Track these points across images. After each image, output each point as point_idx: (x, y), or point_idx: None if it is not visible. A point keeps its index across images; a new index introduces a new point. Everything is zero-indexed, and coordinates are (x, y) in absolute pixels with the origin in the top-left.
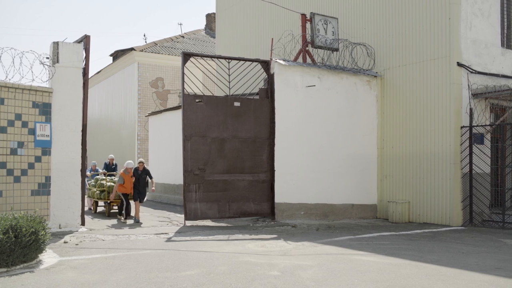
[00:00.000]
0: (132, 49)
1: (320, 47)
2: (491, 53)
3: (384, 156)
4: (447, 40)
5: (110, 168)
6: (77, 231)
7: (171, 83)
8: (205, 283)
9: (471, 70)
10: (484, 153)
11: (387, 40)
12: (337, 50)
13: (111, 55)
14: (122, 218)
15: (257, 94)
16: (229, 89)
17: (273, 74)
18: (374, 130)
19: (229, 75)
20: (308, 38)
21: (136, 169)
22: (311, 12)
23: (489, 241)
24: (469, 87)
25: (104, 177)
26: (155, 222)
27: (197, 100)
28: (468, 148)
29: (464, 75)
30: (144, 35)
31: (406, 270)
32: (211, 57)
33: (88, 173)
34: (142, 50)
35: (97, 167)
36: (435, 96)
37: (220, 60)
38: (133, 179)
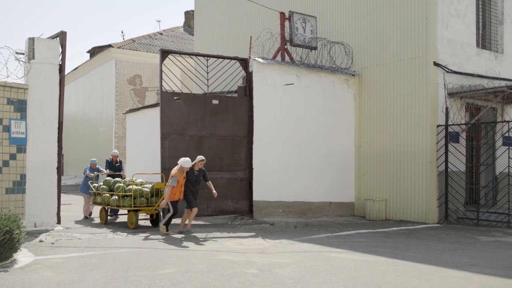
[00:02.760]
0: (109, 46)
1: (299, 46)
2: (466, 53)
3: (361, 154)
4: (424, 40)
5: (113, 167)
6: (53, 229)
7: (149, 80)
8: (183, 282)
9: (447, 70)
10: (460, 152)
11: (365, 39)
12: (315, 48)
13: (88, 52)
14: (166, 230)
15: (236, 92)
16: (208, 86)
17: (252, 72)
18: (352, 129)
19: (207, 73)
20: (287, 36)
21: (191, 169)
22: (290, 11)
23: (464, 238)
24: (445, 86)
25: (120, 179)
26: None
27: (175, 98)
28: (444, 146)
29: (440, 74)
30: (122, 32)
31: (383, 267)
32: (190, 54)
33: (88, 172)
34: (120, 47)
35: (98, 166)
36: (412, 95)
37: (199, 57)
38: (184, 181)
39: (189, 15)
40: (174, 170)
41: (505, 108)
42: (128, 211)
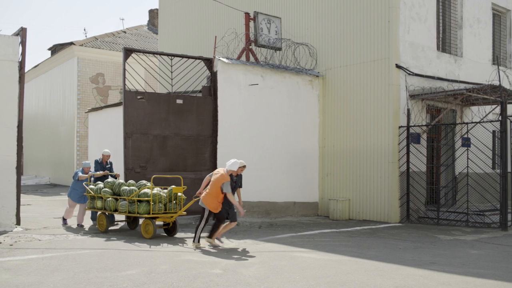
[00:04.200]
0: (71, 43)
1: (264, 46)
2: (427, 56)
3: (325, 154)
4: (387, 43)
5: (104, 168)
6: (11, 231)
7: (112, 79)
8: (146, 283)
9: (409, 72)
10: (421, 152)
11: (329, 41)
12: (280, 49)
13: (49, 49)
14: (216, 241)
15: (200, 91)
16: (172, 86)
17: (216, 72)
18: (316, 129)
19: (171, 72)
20: (252, 37)
21: (231, 174)
22: (255, 11)
23: (425, 237)
24: (406, 88)
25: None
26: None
27: (138, 97)
28: (405, 147)
29: (402, 76)
30: (85, 30)
31: (346, 266)
32: (154, 53)
33: (81, 174)
34: (82, 45)
35: (91, 169)
36: (374, 96)
37: (163, 56)
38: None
39: (153, 13)
40: (222, 174)
41: (464, 110)
42: (143, 218)
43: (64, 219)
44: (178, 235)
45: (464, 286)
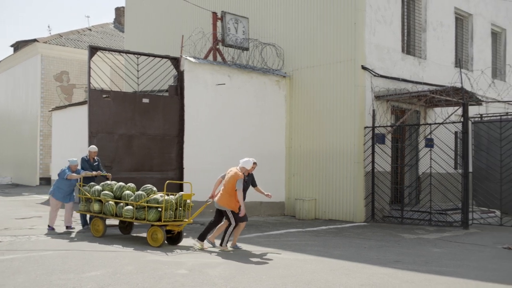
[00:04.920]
0: (35, 40)
1: (231, 46)
2: (392, 58)
3: (292, 154)
4: (353, 44)
5: (92, 166)
6: None
7: (77, 77)
8: (111, 284)
9: (374, 74)
10: (385, 153)
11: (296, 41)
12: (247, 49)
13: (12, 46)
14: (229, 246)
15: (167, 91)
16: (138, 85)
17: (183, 71)
18: (283, 129)
19: (137, 71)
20: (219, 36)
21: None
22: (222, 11)
23: (389, 236)
24: (372, 89)
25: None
26: (58, 222)
27: (104, 96)
28: (370, 147)
29: (367, 78)
30: (49, 27)
31: (312, 265)
32: (120, 51)
33: (70, 174)
34: (46, 42)
35: (78, 168)
36: (340, 97)
37: (129, 55)
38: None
39: (119, 11)
40: (235, 172)
41: (428, 111)
42: (151, 224)
43: (50, 227)
44: (144, 235)
45: (427, 283)
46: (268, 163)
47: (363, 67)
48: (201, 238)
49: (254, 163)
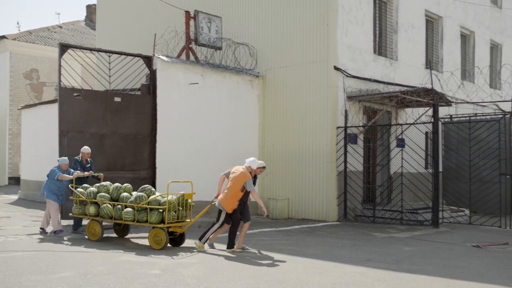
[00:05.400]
0: (3, 37)
1: (204, 45)
2: (364, 59)
3: (265, 154)
4: (325, 45)
5: (84, 167)
6: None
7: (47, 75)
8: (82, 285)
9: (346, 74)
10: (357, 152)
11: (269, 41)
12: (220, 49)
13: None
14: (239, 249)
15: (139, 89)
16: (110, 83)
17: (156, 70)
18: (256, 129)
19: (109, 69)
20: (192, 35)
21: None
22: (195, 10)
23: (361, 235)
24: (344, 90)
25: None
26: (28, 222)
27: (75, 94)
28: (343, 147)
29: (340, 78)
30: (18, 23)
31: (285, 265)
32: (91, 49)
33: (61, 174)
34: (15, 39)
35: (69, 168)
36: (313, 97)
37: (101, 53)
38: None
39: (91, 9)
40: (243, 172)
41: (399, 112)
42: (152, 227)
43: (58, 231)
44: (115, 236)
45: (398, 282)
46: (241, 163)
47: (336, 68)
48: (202, 239)
49: (263, 167)
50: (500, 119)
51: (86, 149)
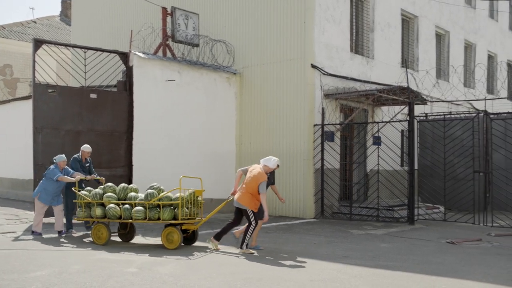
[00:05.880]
0: None
1: (181, 42)
2: (341, 57)
3: (242, 152)
4: (302, 43)
5: (84, 167)
6: None
7: (21, 71)
8: (57, 284)
9: (323, 72)
10: (334, 150)
11: (247, 39)
12: (197, 45)
13: None
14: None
15: (115, 86)
16: (85, 80)
17: (132, 66)
18: (233, 127)
19: (85, 66)
20: (169, 32)
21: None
22: (172, 6)
23: (338, 232)
24: (321, 88)
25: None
26: (1, 221)
27: (49, 90)
28: (320, 145)
29: (317, 76)
30: None
31: (262, 262)
32: (66, 45)
33: (61, 175)
34: None
35: (67, 167)
36: (290, 95)
37: (76, 49)
38: None
39: (66, 4)
40: (259, 172)
41: (375, 110)
42: (165, 225)
43: (36, 232)
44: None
45: (374, 278)
46: (219, 159)
47: (313, 66)
48: (217, 237)
49: (277, 165)
50: (474, 117)
51: (86, 147)
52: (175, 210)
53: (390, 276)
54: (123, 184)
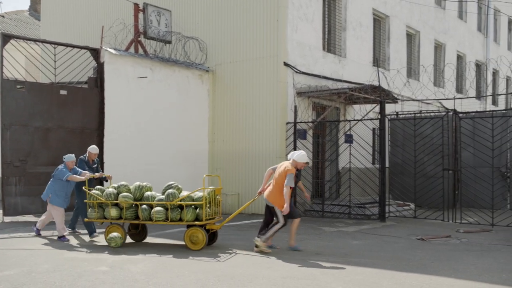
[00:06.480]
0: None
1: (153, 39)
2: (314, 56)
3: (215, 149)
4: (275, 41)
5: (91, 168)
6: None
7: None
8: (26, 283)
9: (296, 70)
10: (307, 148)
11: (220, 36)
12: (170, 42)
13: None
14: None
15: (86, 83)
16: (55, 76)
17: (104, 63)
18: (206, 124)
19: (55, 61)
20: (141, 28)
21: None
22: (144, 3)
23: (310, 229)
24: (294, 86)
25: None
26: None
27: (18, 86)
28: (292, 143)
29: (290, 74)
30: None
31: (234, 259)
32: (35, 40)
33: (71, 175)
34: None
35: (75, 167)
36: (263, 92)
37: (46, 44)
38: None
39: None
40: (286, 166)
41: (347, 108)
42: (188, 226)
43: (64, 238)
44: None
45: (346, 274)
46: (191, 157)
47: (285, 64)
48: (263, 238)
49: (306, 163)
50: (444, 116)
51: (94, 148)
52: (197, 210)
53: (362, 272)
54: (137, 183)
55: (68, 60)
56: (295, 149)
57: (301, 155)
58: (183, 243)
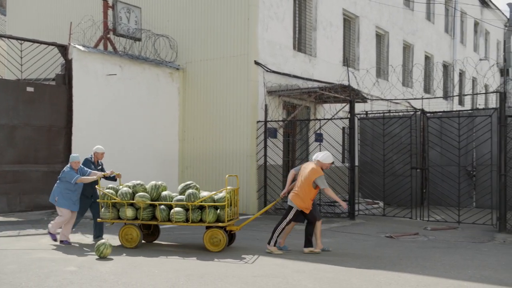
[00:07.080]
0: None
1: (122, 36)
2: (284, 55)
3: (185, 147)
4: (246, 39)
5: (96, 169)
6: None
7: None
8: None
9: (266, 69)
10: (277, 147)
11: (190, 34)
12: (139, 40)
13: None
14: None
15: (54, 80)
16: (21, 72)
17: (72, 60)
18: (176, 122)
19: (21, 58)
20: (110, 25)
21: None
22: None
23: None
24: (264, 84)
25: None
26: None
27: None
28: (263, 141)
29: (260, 73)
30: None
31: (205, 258)
32: (1, 36)
33: (80, 177)
34: None
35: (82, 166)
36: (234, 91)
37: (11, 40)
38: None
39: None
40: (313, 168)
41: (317, 107)
42: (207, 227)
43: (66, 241)
44: (28, 232)
45: (316, 272)
46: (161, 156)
47: (256, 62)
48: (308, 245)
49: (332, 163)
50: (412, 115)
51: (100, 149)
52: (218, 211)
53: (332, 270)
54: (153, 182)
55: (35, 57)
56: (265, 148)
57: (326, 156)
58: (157, 242)
